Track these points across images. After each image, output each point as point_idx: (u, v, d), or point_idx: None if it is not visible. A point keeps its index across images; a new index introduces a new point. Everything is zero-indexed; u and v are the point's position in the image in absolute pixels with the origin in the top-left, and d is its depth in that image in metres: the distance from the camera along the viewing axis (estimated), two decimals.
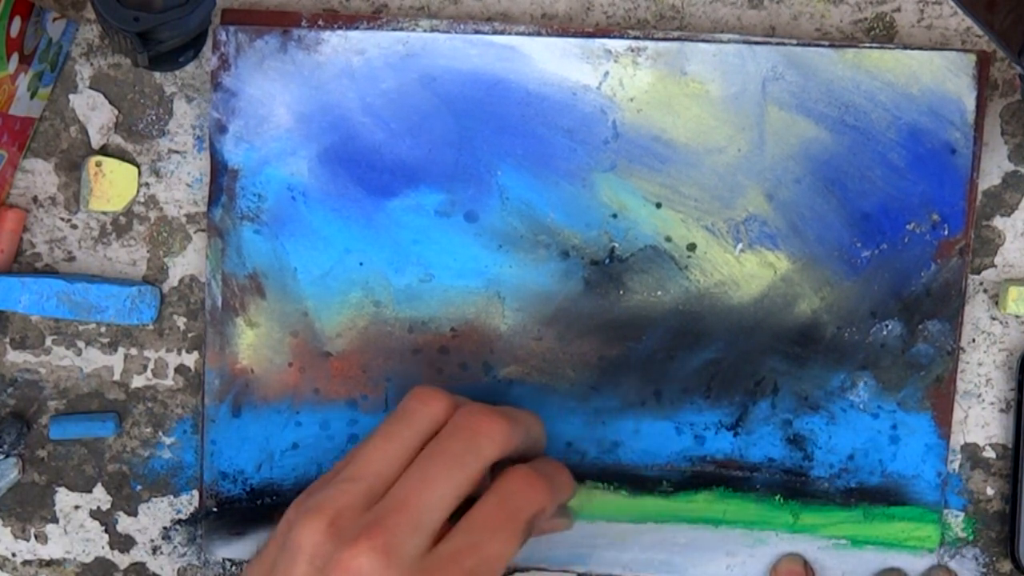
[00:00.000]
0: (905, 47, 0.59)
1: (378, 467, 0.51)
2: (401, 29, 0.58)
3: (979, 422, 0.61)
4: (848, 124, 0.58)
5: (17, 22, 0.54)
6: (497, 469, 0.53)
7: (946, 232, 0.59)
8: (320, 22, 0.58)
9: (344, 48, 0.58)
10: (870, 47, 0.58)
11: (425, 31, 0.58)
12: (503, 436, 0.51)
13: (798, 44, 0.58)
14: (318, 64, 0.58)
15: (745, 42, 0.58)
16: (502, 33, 0.59)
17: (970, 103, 0.58)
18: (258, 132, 0.59)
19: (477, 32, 0.58)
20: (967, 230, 0.59)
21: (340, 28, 0.58)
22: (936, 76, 0.58)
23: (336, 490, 0.50)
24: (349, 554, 0.48)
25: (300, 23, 0.58)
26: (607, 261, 0.59)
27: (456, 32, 0.58)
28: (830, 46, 0.58)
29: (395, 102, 0.58)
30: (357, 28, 0.58)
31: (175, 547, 0.61)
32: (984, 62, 0.58)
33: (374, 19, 0.59)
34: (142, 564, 0.62)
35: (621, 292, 0.59)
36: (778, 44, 0.58)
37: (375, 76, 0.58)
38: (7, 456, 0.60)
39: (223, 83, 0.58)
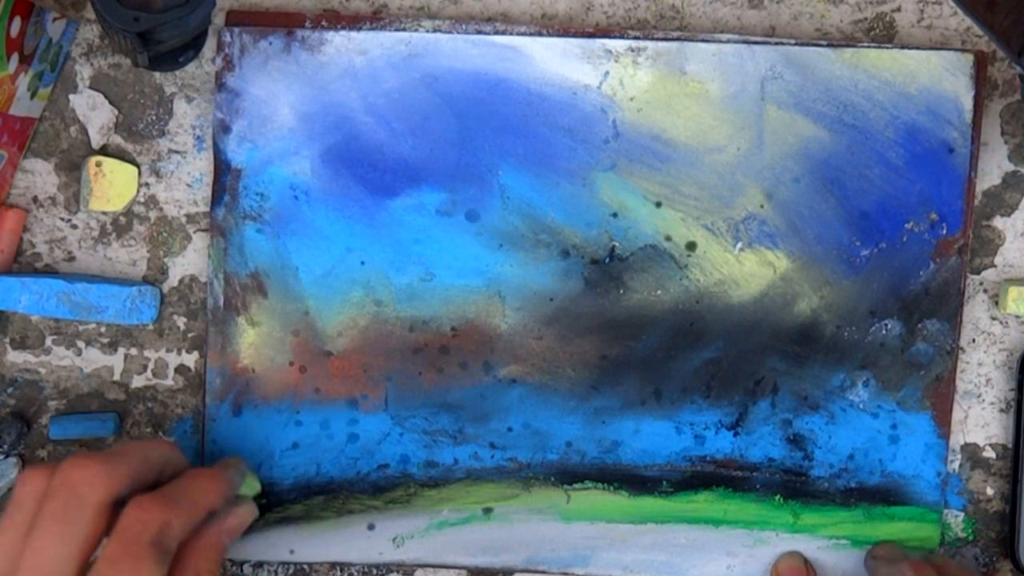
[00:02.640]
0: (904, 47, 0.59)
1: (2, 566, 0.50)
2: (404, 30, 0.59)
3: (979, 422, 0.61)
4: (846, 123, 0.59)
5: (17, 22, 0.55)
6: None
7: (944, 231, 0.59)
8: (324, 23, 0.59)
9: (347, 48, 0.59)
10: (868, 47, 0.59)
11: (427, 32, 0.59)
12: (103, 477, 0.50)
13: (796, 44, 0.59)
14: (321, 64, 0.59)
15: (744, 42, 0.59)
16: (503, 33, 0.59)
17: (967, 103, 0.59)
18: (261, 132, 0.59)
19: (479, 33, 0.59)
20: (965, 229, 0.59)
21: (343, 29, 0.59)
22: (933, 76, 0.59)
23: None
24: None
25: (304, 24, 0.59)
26: (607, 260, 0.60)
27: (458, 33, 0.59)
28: (828, 46, 0.59)
29: (397, 102, 0.59)
30: (360, 29, 0.59)
31: None
32: (981, 62, 0.59)
33: (377, 20, 0.59)
34: None
35: (621, 291, 0.60)
36: (777, 44, 0.59)
37: (378, 76, 0.59)
38: (7, 456, 0.61)
39: (227, 83, 0.59)
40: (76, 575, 0.49)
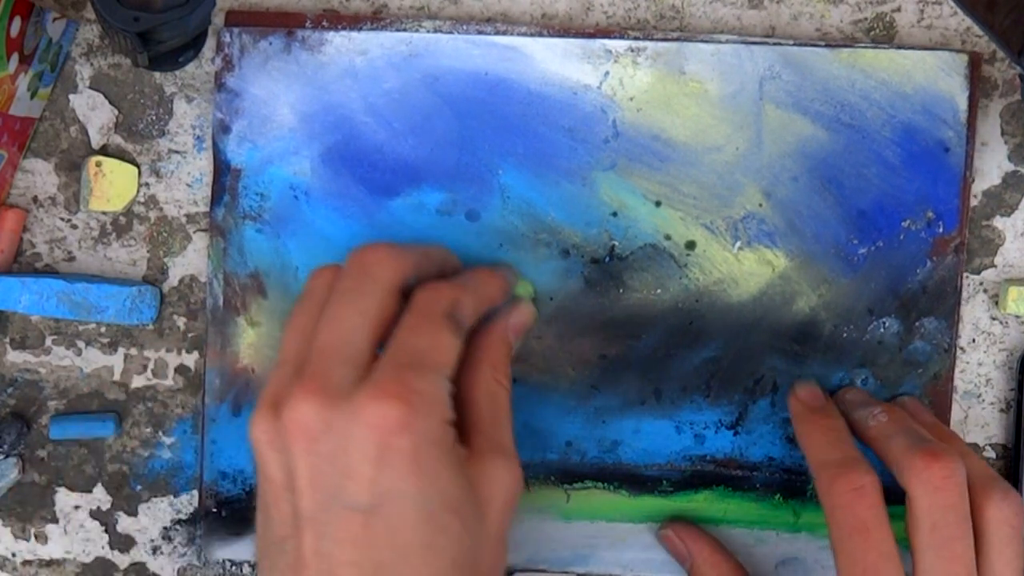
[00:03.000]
0: (904, 47, 0.60)
1: (295, 345, 0.52)
2: (404, 30, 0.59)
3: (979, 422, 0.62)
4: (843, 122, 0.59)
5: (17, 22, 0.55)
6: None
7: (941, 229, 0.60)
8: (324, 23, 0.60)
9: (348, 49, 0.59)
10: (865, 47, 0.59)
11: (428, 32, 0.59)
12: (391, 257, 0.52)
13: (794, 44, 0.60)
14: (321, 64, 0.59)
15: (743, 42, 0.59)
16: (504, 34, 0.60)
17: (962, 102, 0.59)
18: (261, 132, 0.60)
19: (480, 33, 0.59)
20: (962, 228, 0.60)
21: (344, 29, 0.59)
22: (929, 75, 0.59)
23: (267, 384, 0.52)
24: (288, 415, 0.49)
25: (304, 24, 0.59)
26: (607, 259, 0.60)
27: (459, 33, 0.59)
28: (826, 46, 0.59)
29: (398, 102, 0.59)
30: (361, 29, 0.59)
31: (175, 547, 0.62)
32: (976, 63, 0.59)
33: (377, 20, 0.60)
34: (142, 564, 0.62)
35: (621, 291, 0.60)
36: (775, 44, 0.59)
37: (378, 76, 0.59)
38: (7, 456, 0.61)
39: (227, 84, 0.59)
40: (370, 345, 0.50)
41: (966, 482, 0.53)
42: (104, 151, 0.61)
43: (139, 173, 0.61)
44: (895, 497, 0.54)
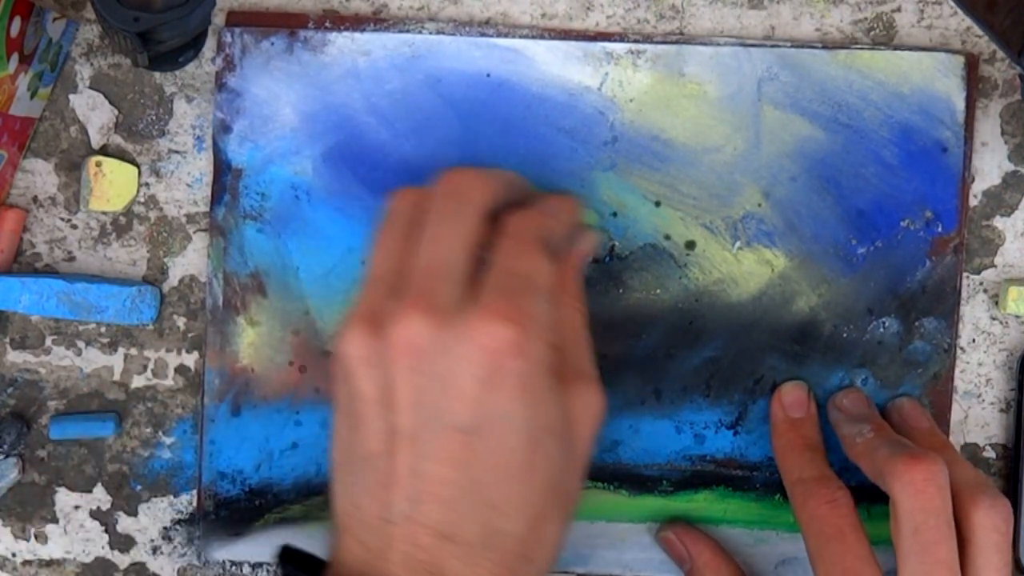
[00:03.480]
0: (904, 47, 0.60)
1: (388, 263, 0.52)
2: (407, 31, 0.60)
3: (979, 422, 0.62)
4: (841, 123, 0.60)
5: (17, 22, 0.55)
6: None
7: (940, 229, 0.60)
8: (327, 24, 0.60)
9: (350, 49, 0.59)
10: (862, 48, 0.60)
11: (430, 33, 0.60)
12: (483, 181, 0.53)
13: (792, 46, 0.60)
14: (324, 65, 0.60)
15: (741, 44, 0.60)
16: (506, 36, 0.60)
17: (959, 103, 0.60)
18: (262, 132, 0.60)
19: (481, 35, 0.60)
20: (960, 228, 0.60)
21: (347, 30, 0.60)
22: (926, 76, 0.59)
23: (361, 300, 0.51)
24: (395, 331, 0.49)
25: (307, 24, 0.60)
26: (607, 259, 0.60)
27: (461, 35, 0.60)
28: (823, 47, 0.60)
29: (400, 103, 0.60)
30: (363, 30, 0.60)
31: (175, 547, 0.62)
32: (973, 64, 0.60)
33: (380, 21, 0.60)
34: (142, 564, 0.63)
35: (621, 290, 0.60)
36: (772, 46, 0.60)
37: (380, 77, 0.60)
38: (7, 456, 0.61)
39: (227, 84, 0.60)
40: (469, 266, 0.50)
41: (949, 486, 0.53)
42: (104, 151, 0.61)
43: (139, 173, 0.61)
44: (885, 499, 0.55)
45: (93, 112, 0.61)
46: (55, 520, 0.62)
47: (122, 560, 0.63)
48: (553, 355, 0.50)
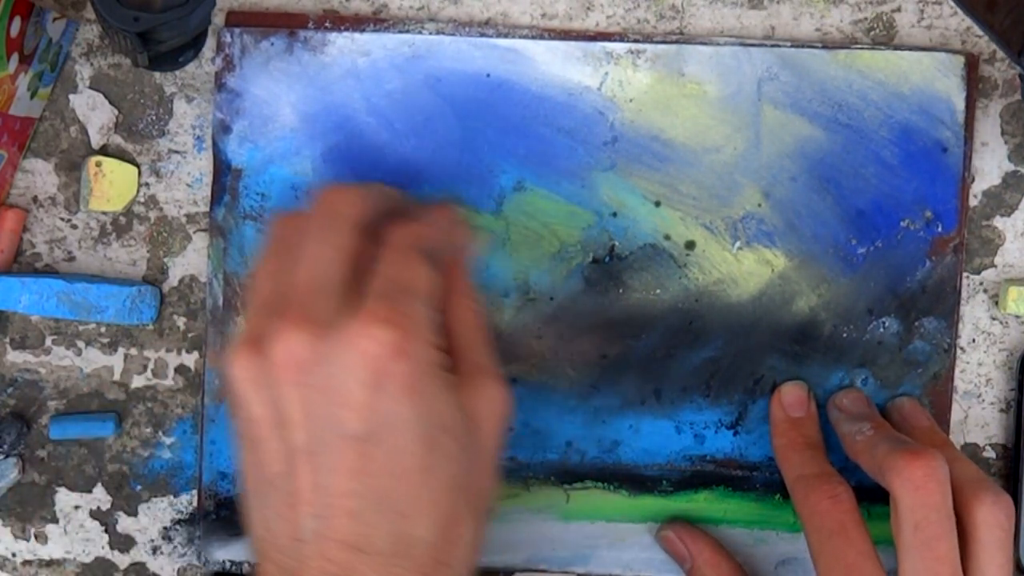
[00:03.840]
0: (904, 47, 0.60)
1: (268, 287, 0.52)
2: (407, 31, 0.60)
3: (979, 422, 0.62)
4: (841, 123, 0.60)
5: (17, 22, 0.55)
6: None
7: (940, 229, 0.60)
8: (327, 24, 0.60)
9: (350, 50, 0.60)
10: (862, 48, 0.60)
11: (430, 34, 0.60)
12: (355, 196, 0.53)
13: (792, 46, 0.60)
14: (324, 65, 0.60)
15: (741, 44, 0.60)
16: (505, 36, 0.60)
17: (959, 103, 0.60)
18: (262, 132, 0.60)
19: (481, 35, 0.60)
20: (960, 228, 0.60)
21: (347, 30, 0.60)
22: (925, 76, 0.60)
23: (245, 326, 0.52)
24: (275, 349, 0.49)
25: (307, 25, 0.60)
26: (607, 259, 0.60)
27: (461, 35, 0.60)
28: (823, 47, 0.60)
29: (400, 103, 0.60)
30: (364, 30, 0.60)
31: (175, 547, 0.62)
32: (973, 64, 0.60)
33: (380, 21, 0.60)
34: (142, 564, 0.63)
35: (621, 290, 0.61)
36: (772, 46, 0.60)
37: (380, 77, 0.60)
38: (7, 456, 0.62)
39: (227, 84, 0.60)
40: (348, 279, 0.51)
41: (949, 482, 0.54)
42: (104, 151, 0.62)
43: (139, 173, 0.61)
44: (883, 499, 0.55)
45: (93, 112, 0.61)
46: (55, 520, 0.63)
47: (122, 560, 0.63)
48: (441, 355, 0.50)
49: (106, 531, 0.62)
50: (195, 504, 0.62)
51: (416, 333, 0.49)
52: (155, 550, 0.63)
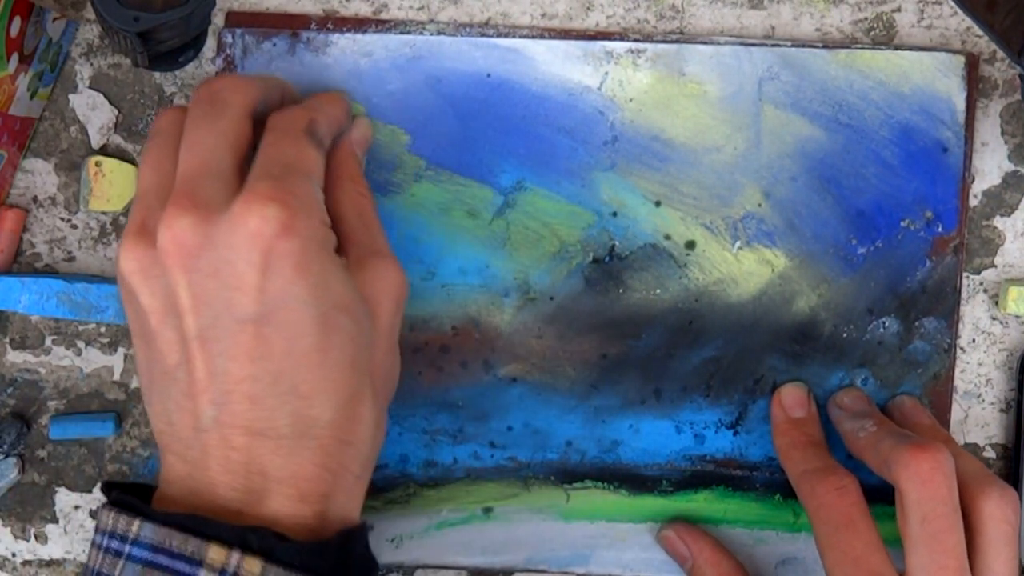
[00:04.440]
0: (904, 47, 0.60)
1: (152, 177, 0.52)
2: (408, 32, 0.60)
3: (979, 422, 0.62)
4: (842, 123, 0.60)
5: (17, 22, 0.55)
6: None
7: (940, 229, 0.60)
8: (328, 25, 0.60)
9: (352, 50, 0.60)
10: (863, 48, 0.60)
11: (431, 34, 0.60)
12: (239, 83, 0.53)
13: (792, 45, 0.60)
14: (326, 66, 0.60)
15: (741, 44, 0.60)
16: (506, 36, 0.60)
17: (960, 103, 0.60)
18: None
19: (482, 35, 0.60)
20: (960, 228, 0.60)
21: (348, 31, 0.60)
22: (926, 76, 0.60)
23: (129, 217, 0.51)
24: (163, 235, 0.48)
25: (308, 26, 0.60)
26: (607, 259, 0.61)
27: (461, 35, 0.60)
28: (824, 47, 0.60)
29: (401, 103, 0.60)
30: (365, 31, 0.60)
31: None
32: (973, 63, 0.60)
33: (381, 22, 0.60)
34: None
35: (621, 290, 0.61)
36: (773, 46, 0.60)
37: (382, 77, 0.60)
38: (7, 456, 0.62)
39: None
40: (233, 164, 0.51)
41: (955, 475, 0.54)
42: (104, 151, 0.62)
43: None
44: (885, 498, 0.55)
45: (93, 112, 0.61)
46: (55, 520, 0.63)
47: None
48: (330, 234, 0.50)
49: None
50: None
51: (304, 211, 0.49)
52: None
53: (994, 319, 0.62)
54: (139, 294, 0.50)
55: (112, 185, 0.61)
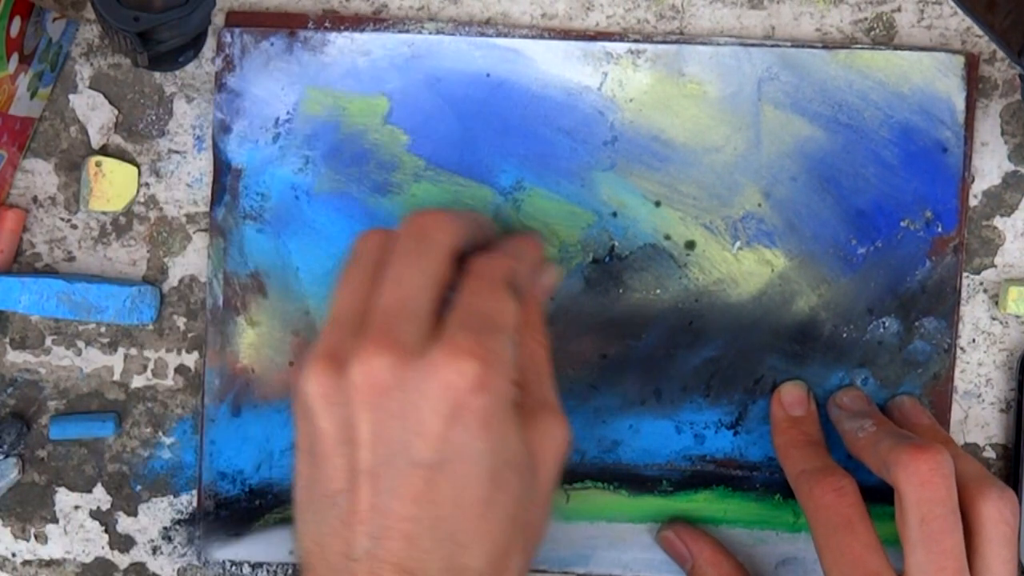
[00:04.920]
0: (904, 47, 0.60)
1: (350, 304, 0.52)
2: (407, 31, 0.60)
3: (979, 422, 0.62)
4: (842, 123, 0.60)
5: (17, 22, 0.55)
6: None
7: (940, 229, 0.60)
8: (327, 24, 0.60)
9: (350, 49, 0.60)
10: (863, 48, 0.60)
11: (430, 33, 0.60)
12: (448, 222, 0.53)
13: (792, 45, 0.60)
14: (324, 65, 0.60)
15: (741, 44, 0.60)
16: (505, 36, 0.60)
17: (960, 103, 0.60)
18: (262, 132, 0.60)
19: (481, 35, 0.60)
20: (960, 228, 0.60)
21: (346, 30, 0.60)
22: (926, 76, 0.60)
23: (321, 338, 0.51)
24: (357, 367, 0.49)
25: (307, 25, 0.60)
26: (607, 259, 0.61)
27: (461, 35, 0.60)
28: (823, 47, 0.60)
29: (400, 103, 0.60)
30: (363, 30, 0.60)
31: (175, 547, 0.63)
32: (973, 64, 0.60)
33: (379, 21, 0.60)
34: (142, 564, 0.63)
35: (621, 290, 0.61)
36: (773, 46, 0.60)
37: (380, 77, 0.60)
38: (7, 456, 0.62)
39: (227, 84, 0.60)
40: (433, 305, 0.51)
41: (953, 476, 0.54)
42: (104, 151, 0.62)
43: (139, 173, 0.61)
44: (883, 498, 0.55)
45: (93, 112, 0.61)
46: (55, 520, 0.63)
47: (122, 560, 0.63)
48: (515, 391, 0.51)
49: (106, 531, 0.63)
50: (195, 504, 0.62)
51: (498, 368, 0.49)
52: (155, 550, 0.63)
53: (994, 319, 0.62)
54: (318, 417, 0.50)
55: (112, 185, 0.61)
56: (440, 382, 0.48)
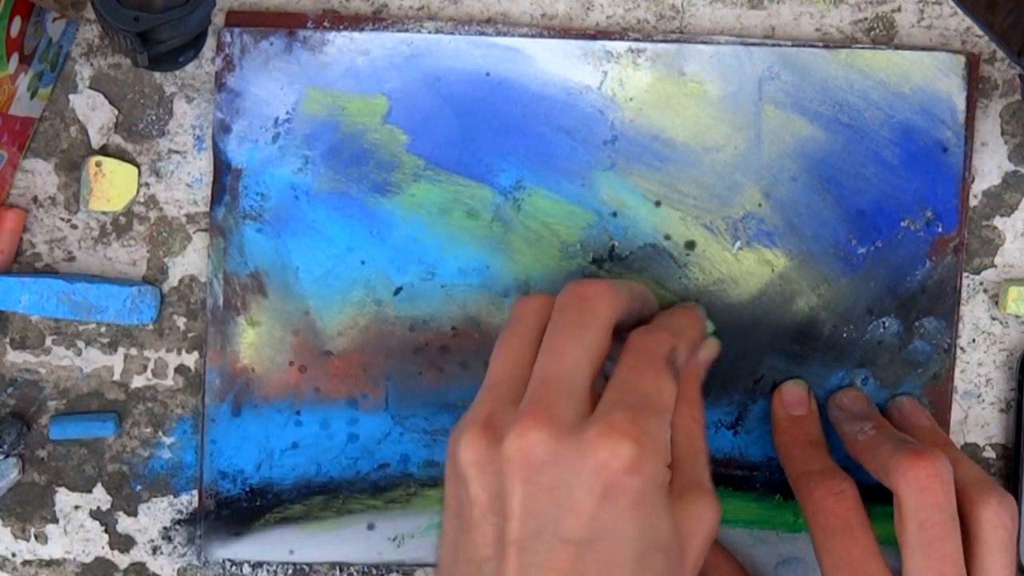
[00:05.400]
0: (904, 47, 0.60)
1: (508, 369, 0.52)
2: (406, 30, 0.60)
3: (979, 422, 0.62)
4: (842, 122, 0.60)
5: (17, 22, 0.55)
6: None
7: (940, 229, 0.60)
8: (326, 23, 0.60)
9: (349, 49, 0.60)
10: (863, 48, 0.60)
11: (430, 33, 0.60)
12: (610, 294, 0.53)
13: (792, 45, 0.60)
14: (323, 65, 0.60)
15: (741, 43, 0.60)
16: (505, 35, 0.60)
17: (960, 103, 0.60)
18: (262, 132, 0.60)
19: (481, 34, 0.60)
20: (960, 228, 0.60)
21: (345, 29, 0.60)
22: (927, 76, 0.60)
23: (477, 403, 0.52)
24: (513, 440, 0.49)
25: (306, 24, 0.60)
26: (607, 259, 0.61)
27: (460, 34, 0.60)
28: (824, 47, 0.60)
29: (399, 102, 0.60)
30: (362, 30, 0.60)
31: (175, 547, 0.63)
32: (973, 63, 0.60)
33: (379, 20, 0.60)
34: (142, 564, 0.63)
35: None
36: (773, 45, 0.60)
37: (380, 76, 0.60)
38: (7, 456, 0.62)
39: (227, 84, 0.60)
40: (590, 381, 0.51)
41: (953, 482, 0.54)
42: (104, 151, 0.62)
43: (139, 173, 0.61)
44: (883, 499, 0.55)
45: (93, 112, 0.61)
46: (55, 520, 0.63)
47: (122, 560, 0.63)
48: (669, 474, 0.50)
49: (106, 531, 0.63)
50: (195, 504, 0.62)
51: (653, 451, 0.49)
52: (155, 550, 0.63)
53: (994, 319, 0.62)
54: (470, 484, 0.50)
55: (112, 185, 0.61)
56: (595, 461, 0.48)
